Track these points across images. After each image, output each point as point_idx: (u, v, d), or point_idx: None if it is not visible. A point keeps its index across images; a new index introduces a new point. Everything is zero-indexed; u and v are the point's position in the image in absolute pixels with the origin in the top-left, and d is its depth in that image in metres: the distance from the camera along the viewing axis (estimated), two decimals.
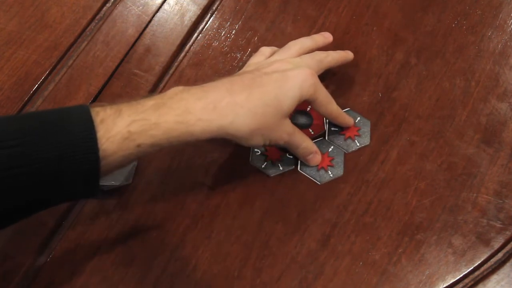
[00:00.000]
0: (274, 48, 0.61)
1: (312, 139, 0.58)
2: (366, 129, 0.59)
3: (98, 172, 0.44)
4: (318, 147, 0.58)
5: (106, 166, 0.45)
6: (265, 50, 0.60)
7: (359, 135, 0.59)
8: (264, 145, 0.54)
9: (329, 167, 0.57)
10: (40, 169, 0.42)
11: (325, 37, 0.61)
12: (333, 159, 0.58)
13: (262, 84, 0.51)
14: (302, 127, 0.58)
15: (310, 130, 0.59)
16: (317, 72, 0.56)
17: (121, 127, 0.45)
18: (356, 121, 0.59)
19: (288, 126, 0.54)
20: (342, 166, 0.57)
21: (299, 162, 0.58)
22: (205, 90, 0.50)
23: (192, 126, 0.48)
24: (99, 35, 0.65)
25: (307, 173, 0.57)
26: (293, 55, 0.58)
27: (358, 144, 0.58)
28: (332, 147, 0.58)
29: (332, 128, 0.59)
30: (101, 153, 0.43)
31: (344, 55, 0.61)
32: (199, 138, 0.49)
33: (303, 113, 0.59)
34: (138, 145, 0.46)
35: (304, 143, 0.56)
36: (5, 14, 0.66)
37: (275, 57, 0.58)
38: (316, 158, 0.57)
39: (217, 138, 0.50)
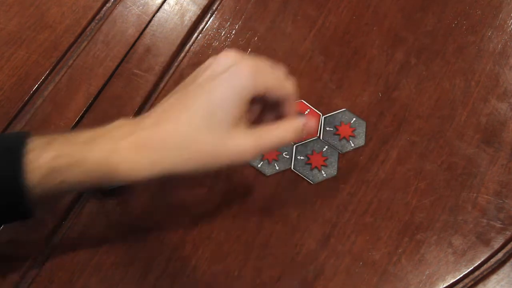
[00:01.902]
0: None
1: (303, 141, 0.58)
2: (361, 130, 0.59)
3: (24, 202, 0.42)
4: (312, 147, 0.58)
5: (35, 195, 0.43)
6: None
7: (354, 136, 0.59)
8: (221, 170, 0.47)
9: (322, 167, 0.57)
10: None
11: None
12: (327, 159, 0.58)
13: (189, 103, 0.44)
14: None
15: None
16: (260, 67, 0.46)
17: (45, 161, 0.42)
18: (352, 122, 0.59)
19: (240, 140, 0.44)
20: (336, 166, 0.57)
21: (292, 162, 0.58)
22: (136, 129, 0.44)
23: (116, 165, 0.43)
24: (99, 35, 0.65)
25: (300, 172, 0.57)
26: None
27: (352, 145, 0.58)
28: (326, 147, 0.58)
29: (327, 128, 0.59)
30: (26, 182, 0.42)
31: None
32: (127, 180, 0.44)
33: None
34: (61, 182, 0.43)
35: (276, 143, 0.46)
36: (5, 14, 0.66)
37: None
38: (302, 134, 0.48)
39: (153, 180, 0.44)
